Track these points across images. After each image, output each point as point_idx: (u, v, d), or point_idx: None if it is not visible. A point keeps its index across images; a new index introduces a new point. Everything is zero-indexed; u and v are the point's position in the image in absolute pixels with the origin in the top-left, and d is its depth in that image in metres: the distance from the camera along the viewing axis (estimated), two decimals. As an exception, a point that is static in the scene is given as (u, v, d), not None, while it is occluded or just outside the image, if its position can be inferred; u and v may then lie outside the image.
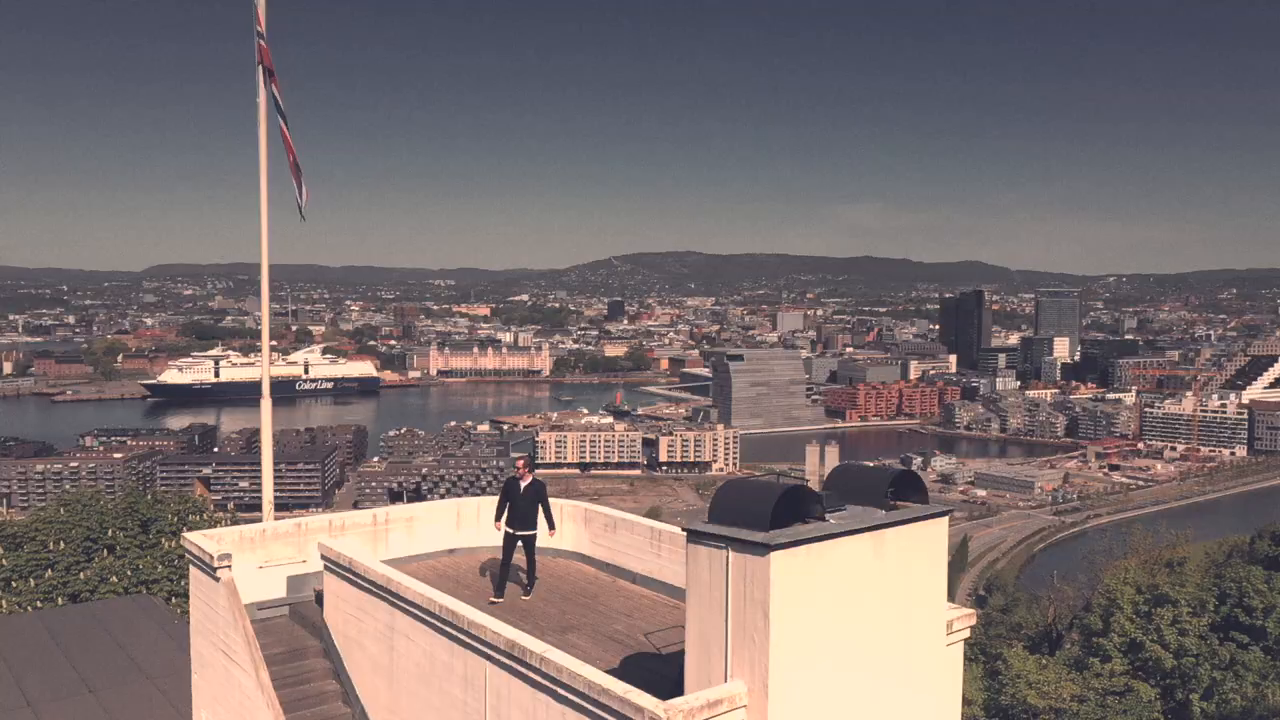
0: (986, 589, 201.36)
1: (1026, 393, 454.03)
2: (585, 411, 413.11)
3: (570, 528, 15.01)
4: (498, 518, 13.24)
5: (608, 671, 10.31)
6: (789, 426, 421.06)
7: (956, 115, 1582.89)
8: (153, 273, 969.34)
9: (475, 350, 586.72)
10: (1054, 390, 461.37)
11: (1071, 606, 49.82)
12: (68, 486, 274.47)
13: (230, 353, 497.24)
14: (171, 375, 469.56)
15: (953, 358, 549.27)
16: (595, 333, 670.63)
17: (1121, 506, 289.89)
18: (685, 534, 8.51)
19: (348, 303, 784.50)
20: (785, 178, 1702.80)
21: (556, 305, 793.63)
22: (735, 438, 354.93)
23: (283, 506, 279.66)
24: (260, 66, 15.23)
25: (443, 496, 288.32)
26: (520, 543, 13.12)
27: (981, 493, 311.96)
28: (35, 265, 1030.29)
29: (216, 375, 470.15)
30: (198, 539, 12.78)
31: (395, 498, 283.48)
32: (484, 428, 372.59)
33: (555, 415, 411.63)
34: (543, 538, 13.36)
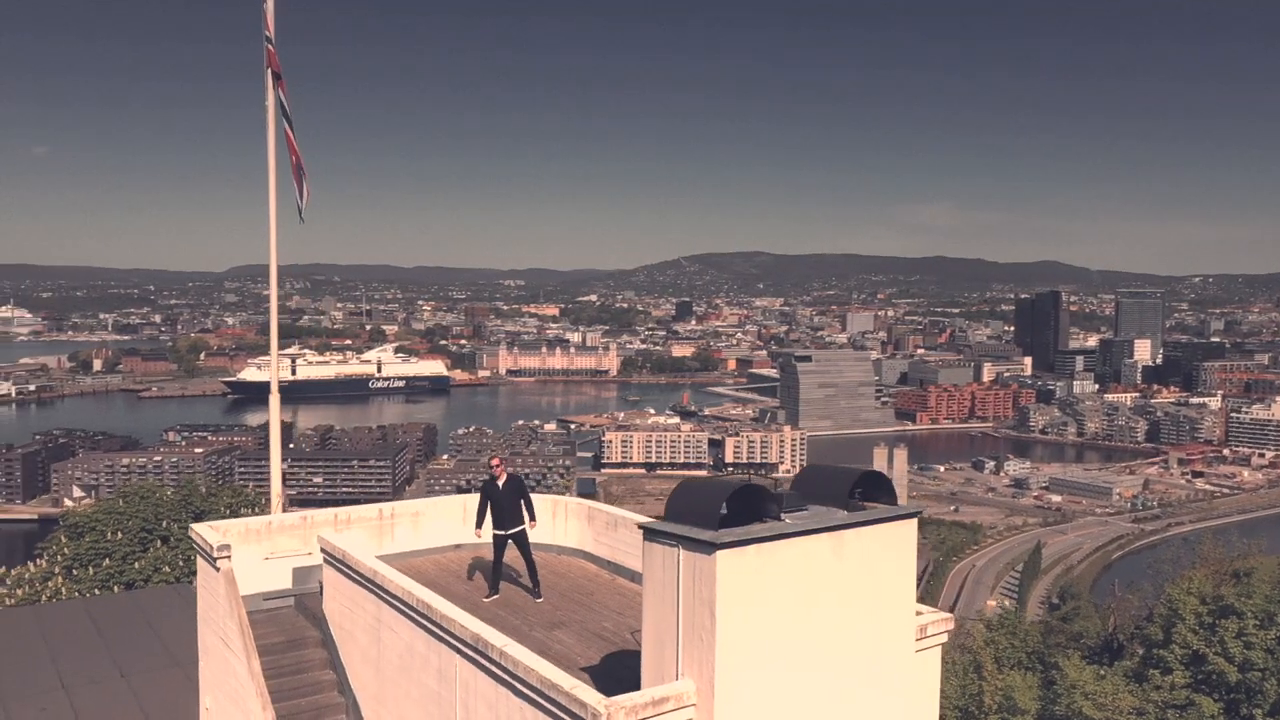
0: (1060, 596, 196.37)
1: (1105, 396, 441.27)
2: (652, 411, 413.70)
3: (574, 525, 15.10)
4: (478, 525, 13.30)
5: (586, 668, 10.41)
6: (857, 428, 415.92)
7: (1032, 113, 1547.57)
8: (234, 273, 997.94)
9: (543, 350, 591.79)
10: (1134, 394, 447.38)
11: (1134, 616, 48.26)
12: (151, 480, 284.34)
13: (306, 351, 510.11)
14: (250, 373, 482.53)
15: (1028, 360, 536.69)
16: (663, 333, 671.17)
17: (1205, 514, 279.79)
18: (641, 531, 8.52)
19: (420, 303, 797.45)
20: (855, 177, 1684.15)
21: (624, 305, 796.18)
22: (802, 439, 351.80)
23: (354, 502, 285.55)
24: (269, 71, 15.64)
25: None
26: (511, 542, 13.18)
27: (1056, 498, 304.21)
28: (125, 266, 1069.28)
29: (293, 373, 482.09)
30: (202, 530, 13.18)
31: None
32: (551, 427, 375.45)
33: (622, 415, 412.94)
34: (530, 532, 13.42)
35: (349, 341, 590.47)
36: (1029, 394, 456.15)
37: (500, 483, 13.40)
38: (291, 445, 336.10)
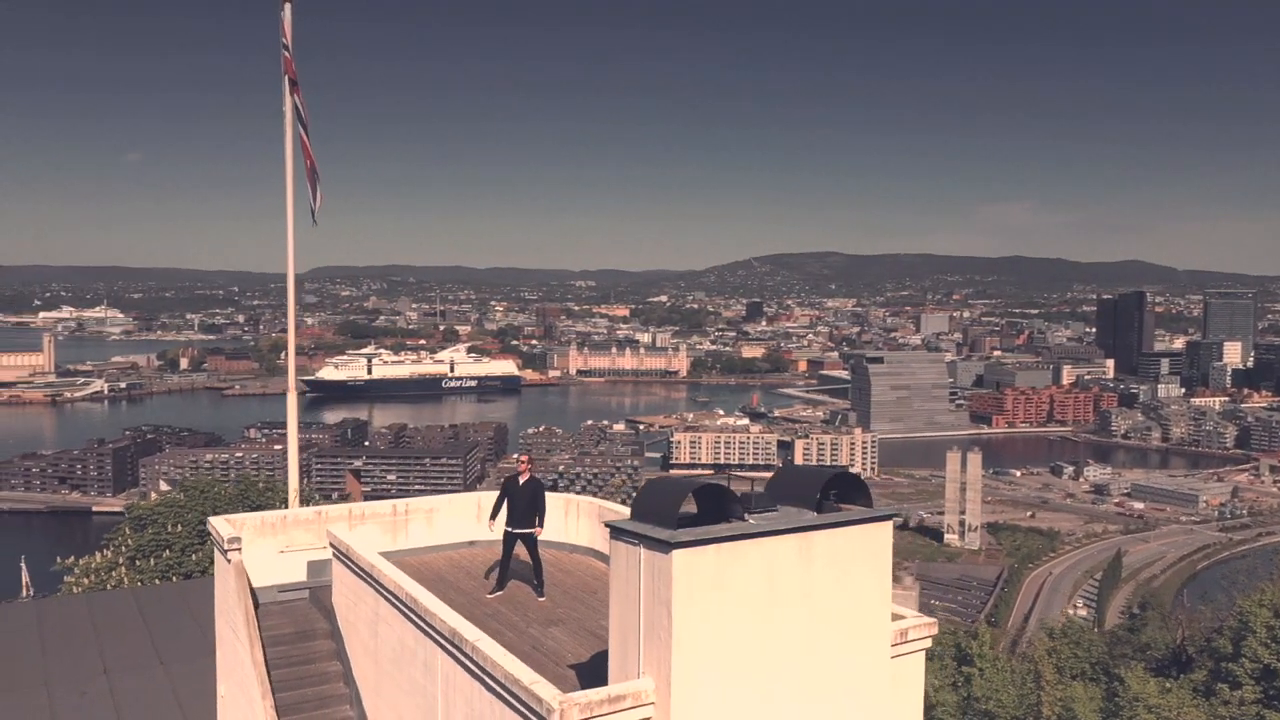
0: (1141, 606, 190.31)
1: (1192, 400, 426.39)
2: (721, 412, 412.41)
3: (585, 524, 15.18)
4: (492, 516, 13.44)
5: (573, 665, 10.50)
6: (931, 431, 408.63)
7: (1116, 108, 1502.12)
8: (314, 274, 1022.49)
9: (613, 350, 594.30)
10: (1223, 398, 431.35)
11: (1204, 628, 46.57)
12: (232, 475, 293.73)
13: (382, 351, 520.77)
14: (328, 372, 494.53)
15: (1110, 362, 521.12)
16: (733, 334, 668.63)
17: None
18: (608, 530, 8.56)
19: (493, 303, 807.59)
20: (932, 177, 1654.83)
21: (695, 306, 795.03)
22: (874, 442, 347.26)
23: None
24: (285, 78, 16.06)
25: (580, 492, 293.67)
26: (520, 541, 13.29)
27: (1139, 505, 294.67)
28: (211, 268, 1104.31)
29: (369, 372, 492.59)
30: (217, 523, 13.60)
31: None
32: (619, 427, 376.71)
33: (691, 416, 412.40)
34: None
35: (423, 341, 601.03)
36: (1111, 397, 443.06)
37: (521, 481, 13.50)
38: (366, 443, 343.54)
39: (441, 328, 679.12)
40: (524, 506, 13.27)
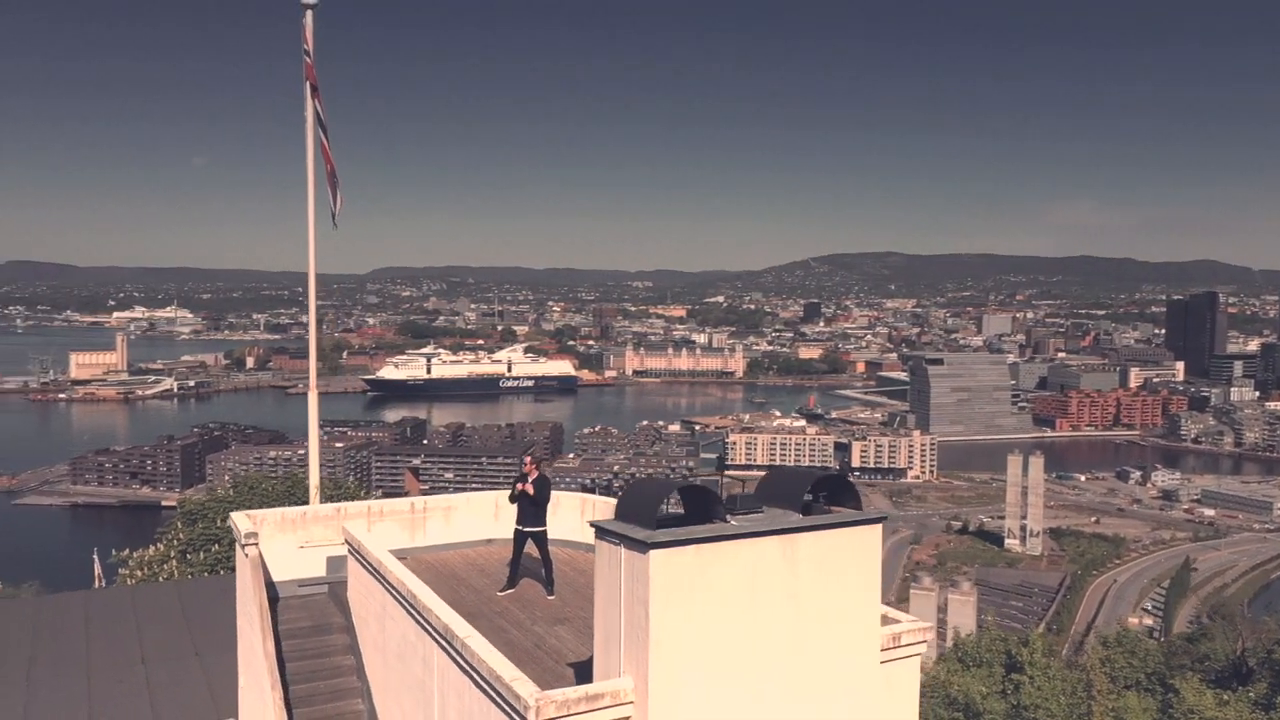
0: (1210, 616, 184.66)
1: (1267, 404, 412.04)
2: (778, 414, 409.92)
3: None
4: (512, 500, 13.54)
5: (573, 664, 10.59)
6: (992, 434, 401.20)
7: (1185, 102, 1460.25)
8: (376, 275, 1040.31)
9: (670, 351, 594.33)
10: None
11: (1266, 639, 45.08)
12: (296, 472, 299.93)
13: (441, 351, 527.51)
14: (388, 371, 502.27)
15: (1180, 365, 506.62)
16: (790, 335, 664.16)
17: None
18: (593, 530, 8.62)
19: (550, 304, 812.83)
20: (994, 175, 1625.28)
21: (752, 307, 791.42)
22: (933, 444, 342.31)
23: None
24: (307, 83, 16.39)
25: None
26: (531, 539, 13.39)
27: (1209, 512, 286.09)
28: (276, 269, 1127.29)
29: (428, 372, 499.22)
30: (237, 518, 13.94)
31: (589, 493, 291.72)
32: (675, 428, 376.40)
33: (747, 417, 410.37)
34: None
35: (481, 341, 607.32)
36: (1180, 401, 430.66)
37: (531, 479, 13.60)
38: (425, 442, 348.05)
39: (499, 328, 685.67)
40: (533, 506, 13.37)
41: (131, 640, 19.49)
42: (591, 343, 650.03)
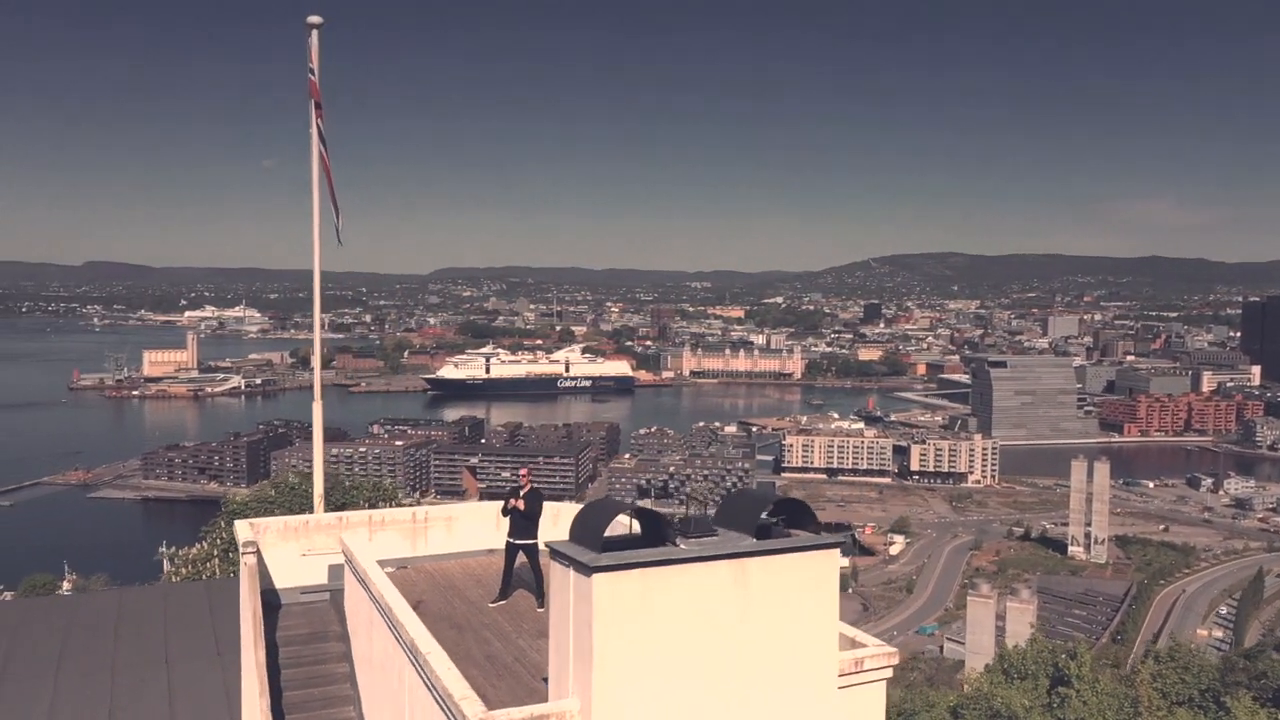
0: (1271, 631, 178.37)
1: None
2: (835, 416, 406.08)
3: None
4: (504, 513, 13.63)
5: (547, 678, 10.63)
6: (1056, 439, 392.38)
7: (1261, 97, 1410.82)
8: (437, 275, 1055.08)
9: (727, 352, 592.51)
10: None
11: (1327, 658, 43.44)
12: (357, 470, 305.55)
13: (500, 351, 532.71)
14: (448, 371, 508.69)
15: (1256, 369, 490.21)
16: (849, 336, 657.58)
17: None
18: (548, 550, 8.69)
19: (608, 304, 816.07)
20: (1061, 173, 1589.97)
21: (811, 308, 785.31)
22: (994, 449, 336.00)
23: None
24: (311, 101, 16.72)
25: (689, 495, 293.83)
26: (522, 552, 13.48)
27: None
28: (340, 269, 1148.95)
29: (487, 372, 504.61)
30: (239, 526, 14.29)
31: (643, 494, 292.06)
32: (731, 429, 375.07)
33: (804, 419, 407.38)
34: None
35: (540, 342, 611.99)
36: (1256, 406, 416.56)
37: (523, 492, 13.68)
38: (483, 441, 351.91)
39: (558, 328, 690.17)
40: (524, 519, 13.46)
41: (158, 641, 19.95)
42: (649, 343, 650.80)
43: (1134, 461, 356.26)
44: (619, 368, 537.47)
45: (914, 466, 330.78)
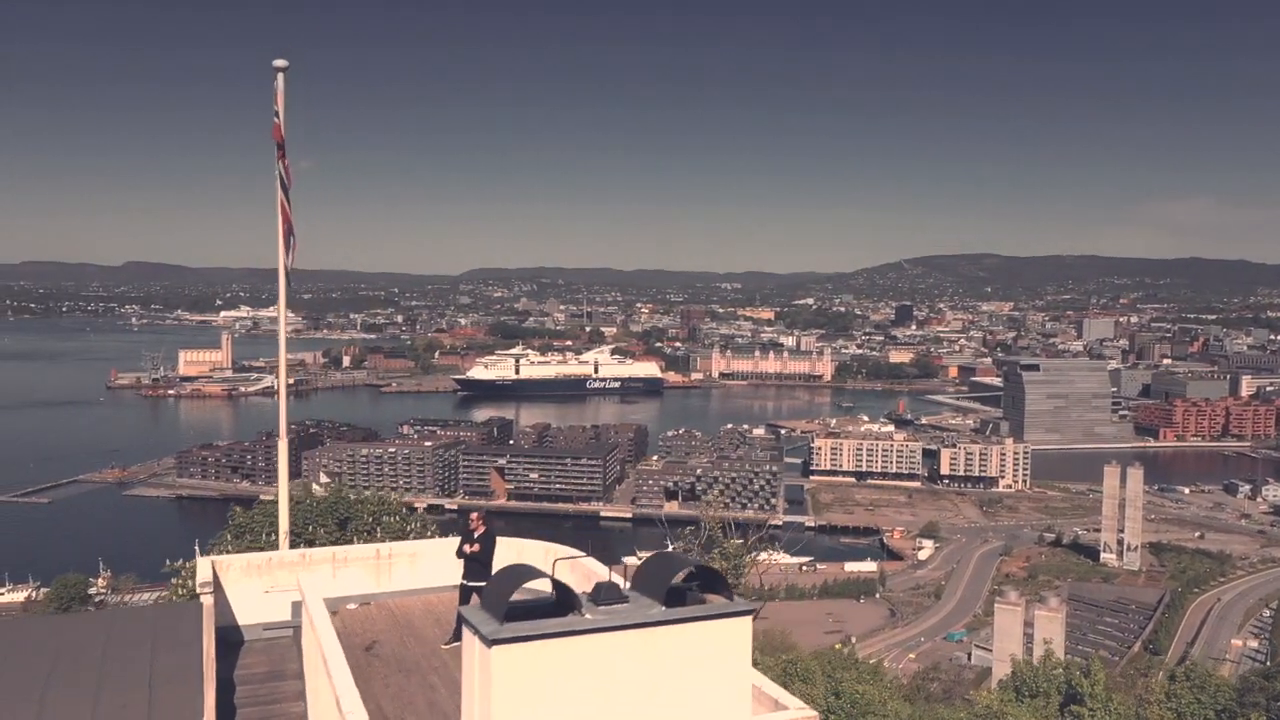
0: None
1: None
2: (865, 419, 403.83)
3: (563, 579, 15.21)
4: (459, 554, 13.69)
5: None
6: (1089, 444, 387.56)
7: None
8: (469, 276, 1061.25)
9: (756, 354, 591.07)
10: None
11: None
12: (386, 470, 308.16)
13: (529, 352, 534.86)
14: (478, 371, 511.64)
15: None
16: (880, 338, 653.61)
17: None
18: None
19: (638, 305, 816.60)
20: (1095, 173, 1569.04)
21: (842, 309, 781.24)
22: (1026, 453, 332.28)
23: (566, 499, 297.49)
24: (274, 143, 16.91)
25: (718, 496, 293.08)
26: (476, 594, 13.49)
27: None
28: (373, 270, 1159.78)
29: (516, 372, 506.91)
30: (200, 565, 14.47)
31: (671, 497, 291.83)
32: (760, 432, 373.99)
33: (834, 421, 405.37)
34: None
35: (569, 343, 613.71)
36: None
37: (477, 535, 13.74)
38: (512, 441, 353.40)
39: (588, 329, 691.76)
40: (478, 559, 13.52)
41: (144, 661, 20.18)
42: (678, 344, 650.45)
43: (1170, 467, 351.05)
44: (648, 369, 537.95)
45: (944, 470, 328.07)
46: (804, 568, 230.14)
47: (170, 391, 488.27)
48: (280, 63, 16.87)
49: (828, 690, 32.24)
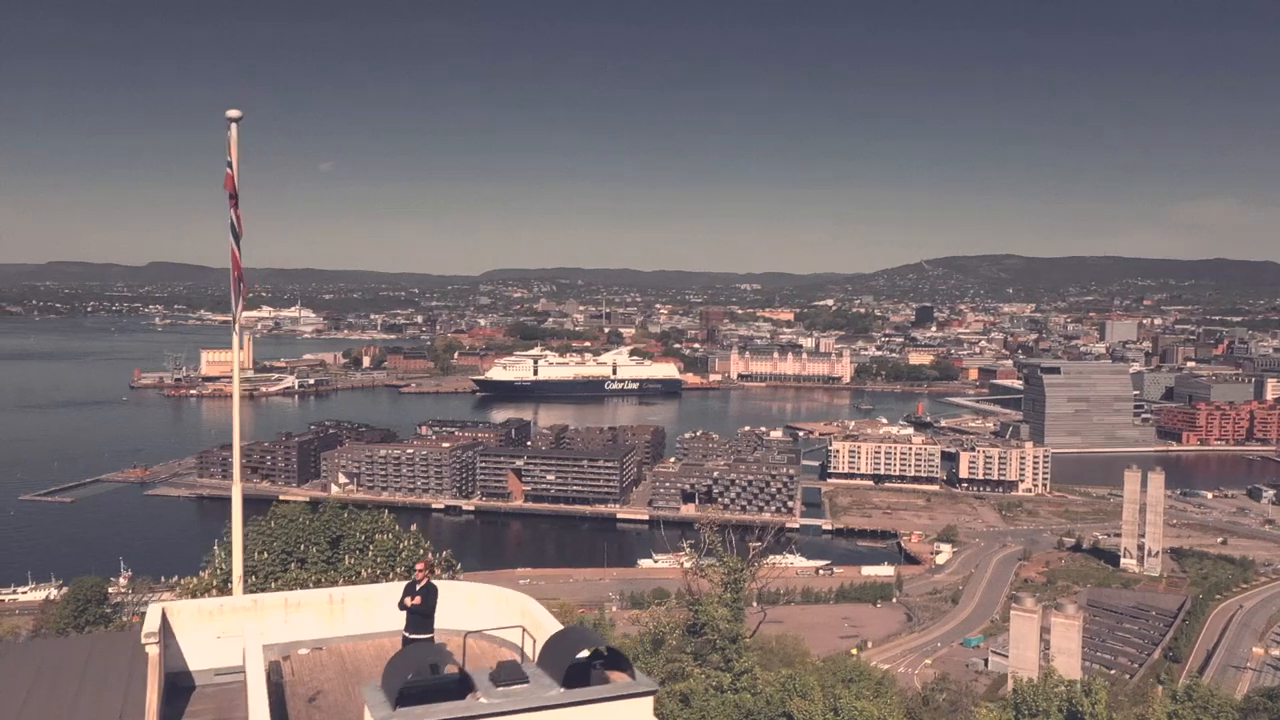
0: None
1: None
2: (884, 421, 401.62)
3: (489, 614, 15.10)
4: (401, 607, 13.52)
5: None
6: (1111, 447, 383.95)
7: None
8: (488, 277, 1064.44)
9: (775, 355, 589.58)
10: None
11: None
12: (403, 471, 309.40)
13: (548, 353, 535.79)
14: (497, 372, 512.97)
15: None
16: (900, 339, 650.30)
17: None
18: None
19: (657, 306, 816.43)
20: (1119, 173, 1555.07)
21: (862, 310, 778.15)
22: (1046, 457, 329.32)
23: (582, 500, 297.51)
24: (226, 193, 17.01)
25: (734, 499, 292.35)
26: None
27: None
28: (394, 270, 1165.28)
29: (535, 373, 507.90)
30: (150, 613, 14.55)
31: (687, 499, 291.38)
32: (777, 434, 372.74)
33: (852, 424, 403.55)
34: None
35: (588, 344, 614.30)
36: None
37: (419, 587, 13.44)
38: (529, 443, 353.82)
39: (606, 330, 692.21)
40: (419, 612, 13.45)
41: (118, 690, 20.32)
42: (697, 345, 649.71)
43: (1192, 471, 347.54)
44: (666, 370, 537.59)
45: (963, 474, 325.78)
46: (821, 571, 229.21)
47: (192, 391, 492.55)
48: (234, 113, 16.99)
49: (826, 707, 32.05)
